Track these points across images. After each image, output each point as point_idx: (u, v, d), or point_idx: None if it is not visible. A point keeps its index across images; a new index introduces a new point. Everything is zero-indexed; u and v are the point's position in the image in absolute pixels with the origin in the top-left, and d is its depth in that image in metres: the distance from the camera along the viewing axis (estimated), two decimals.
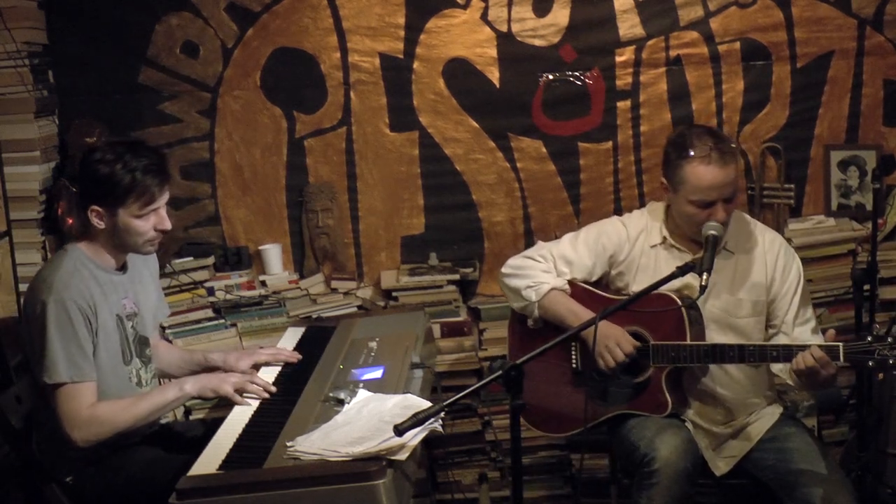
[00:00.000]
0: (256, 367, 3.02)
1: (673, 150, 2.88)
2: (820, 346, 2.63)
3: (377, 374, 2.81)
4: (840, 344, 2.61)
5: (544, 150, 3.82)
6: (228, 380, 2.78)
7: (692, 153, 2.80)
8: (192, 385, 2.76)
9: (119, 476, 2.72)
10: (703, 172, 2.79)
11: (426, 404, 2.44)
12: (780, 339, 2.90)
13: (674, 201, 2.92)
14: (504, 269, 3.12)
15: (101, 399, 2.70)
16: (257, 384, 2.78)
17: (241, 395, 2.75)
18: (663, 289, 2.73)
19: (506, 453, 3.79)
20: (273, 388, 2.79)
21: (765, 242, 2.97)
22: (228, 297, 3.75)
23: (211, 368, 3.04)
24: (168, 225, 2.78)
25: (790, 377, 2.84)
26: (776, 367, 2.91)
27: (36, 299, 2.66)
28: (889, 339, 2.53)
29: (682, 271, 2.64)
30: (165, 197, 2.76)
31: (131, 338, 2.85)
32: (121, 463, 2.75)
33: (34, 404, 2.82)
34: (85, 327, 2.66)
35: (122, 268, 2.86)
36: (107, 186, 2.67)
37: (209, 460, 2.38)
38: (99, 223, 2.72)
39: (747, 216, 3.05)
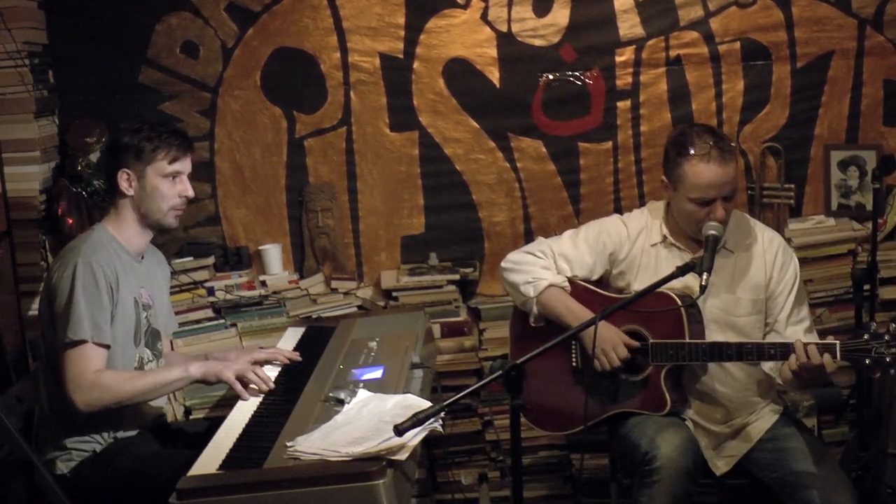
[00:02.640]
0: (257, 364, 3.03)
1: (673, 148, 2.88)
2: (816, 344, 2.63)
3: (377, 374, 2.81)
4: (837, 342, 2.61)
5: (544, 150, 3.83)
6: (231, 367, 2.83)
7: (692, 151, 2.81)
8: (196, 368, 2.80)
9: (116, 471, 2.73)
10: (702, 170, 2.79)
11: (426, 404, 2.44)
12: (773, 338, 2.90)
13: (674, 199, 2.92)
14: (504, 264, 3.12)
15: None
16: (259, 375, 2.80)
17: (241, 385, 2.78)
18: (663, 288, 2.73)
19: (506, 453, 3.79)
20: (272, 384, 2.81)
21: (763, 241, 2.97)
22: (228, 297, 3.75)
23: None
24: (191, 192, 2.93)
25: (779, 376, 2.84)
26: (767, 366, 2.90)
27: (65, 263, 2.75)
28: (886, 338, 2.53)
29: (682, 271, 2.64)
30: (189, 165, 2.93)
31: (144, 327, 2.91)
32: (119, 457, 2.76)
33: (43, 394, 2.84)
34: (107, 294, 2.74)
35: (142, 258, 2.95)
36: (136, 148, 2.83)
37: (209, 460, 2.38)
38: (128, 189, 2.84)
39: (746, 215, 3.06)
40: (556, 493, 3.87)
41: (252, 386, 2.79)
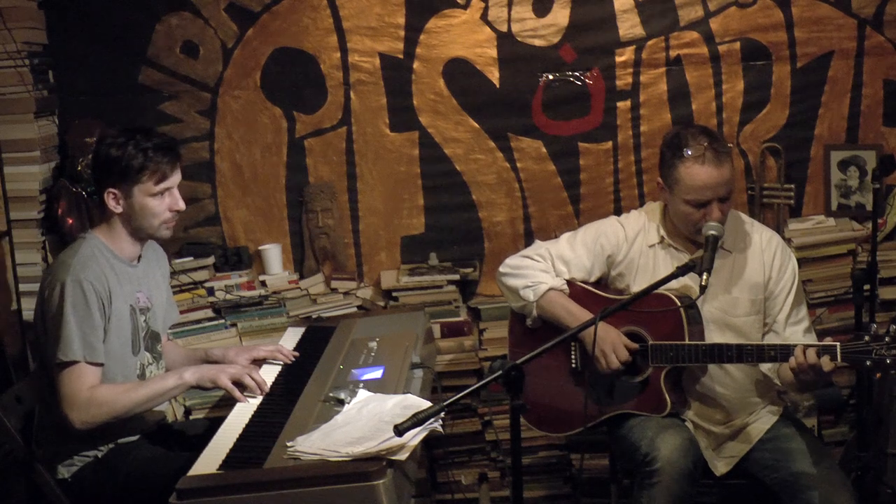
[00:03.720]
0: (256, 363, 3.03)
1: (668, 149, 2.88)
2: (816, 347, 2.63)
3: (377, 374, 2.81)
4: (837, 344, 2.61)
5: (544, 150, 3.82)
6: (227, 370, 2.80)
7: (687, 153, 2.81)
8: (191, 374, 2.78)
9: (118, 475, 2.73)
10: (697, 172, 2.79)
11: (426, 404, 2.44)
12: (772, 338, 2.90)
13: (670, 201, 2.93)
14: (502, 269, 3.13)
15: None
16: (255, 379, 2.79)
17: (238, 388, 2.77)
18: (662, 289, 2.73)
19: (506, 453, 3.79)
20: (267, 388, 2.80)
21: (762, 241, 2.97)
22: (228, 297, 3.75)
23: (212, 363, 3.05)
24: (182, 205, 2.85)
25: (777, 377, 2.84)
26: (765, 367, 2.90)
27: (54, 280, 2.70)
28: (886, 339, 2.53)
29: (682, 271, 2.64)
30: (177, 177, 2.83)
31: (142, 332, 2.88)
32: (120, 461, 2.76)
33: (41, 399, 2.83)
34: (99, 310, 2.70)
35: (137, 260, 2.91)
36: (121, 166, 2.73)
37: (209, 460, 2.38)
38: (116, 207, 2.78)
39: (744, 215, 3.05)
40: (556, 493, 3.87)
41: (247, 391, 2.78)
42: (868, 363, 2.55)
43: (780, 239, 3.02)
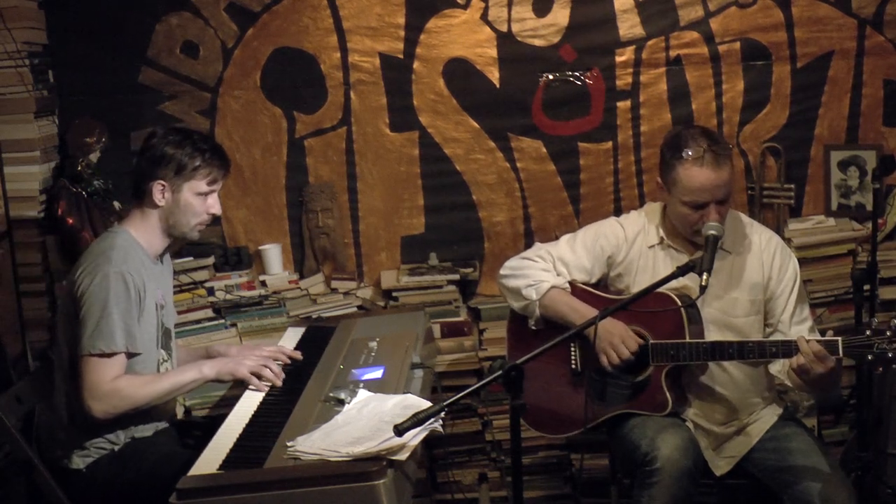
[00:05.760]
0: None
1: (668, 150, 2.88)
2: (818, 341, 2.63)
3: (377, 374, 2.81)
4: (839, 338, 2.61)
5: (544, 150, 3.83)
6: (244, 363, 2.83)
7: (686, 154, 2.81)
8: (209, 368, 2.81)
9: (131, 470, 2.74)
10: (695, 174, 2.79)
11: (426, 404, 2.44)
12: (778, 339, 2.90)
13: (668, 201, 2.93)
14: (502, 271, 3.13)
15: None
16: (272, 370, 2.82)
17: (258, 379, 2.80)
18: (662, 289, 2.73)
19: (506, 453, 3.79)
20: (283, 376, 2.84)
21: (761, 242, 2.97)
22: (228, 297, 3.75)
23: None
24: (219, 210, 2.90)
25: (788, 378, 2.84)
26: (774, 369, 2.90)
27: (95, 270, 2.71)
28: (888, 333, 2.53)
29: (682, 271, 2.64)
30: (221, 185, 2.90)
31: (161, 328, 2.91)
32: (135, 456, 2.77)
33: (69, 393, 2.82)
34: (136, 303, 2.73)
35: (160, 260, 2.94)
36: (178, 163, 2.79)
37: (209, 460, 2.38)
38: (160, 199, 2.81)
39: (743, 216, 3.05)
40: (556, 493, 3.87)
41: (265, 381, 2.81)
42: (870, 357, 2.55)
43: (780, 239, 3.02)
